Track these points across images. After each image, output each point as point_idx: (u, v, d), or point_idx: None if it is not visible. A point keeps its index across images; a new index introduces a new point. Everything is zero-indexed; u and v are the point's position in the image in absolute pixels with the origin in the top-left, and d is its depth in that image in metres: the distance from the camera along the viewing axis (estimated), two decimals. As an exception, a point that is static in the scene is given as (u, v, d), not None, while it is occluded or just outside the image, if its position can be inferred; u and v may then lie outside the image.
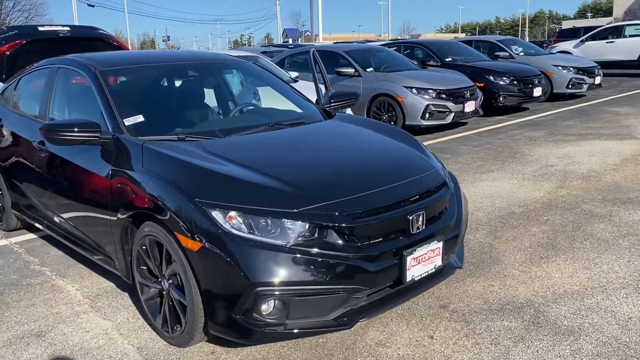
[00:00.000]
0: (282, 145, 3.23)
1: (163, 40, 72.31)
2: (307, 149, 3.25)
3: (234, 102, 4.18)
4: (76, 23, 42.56)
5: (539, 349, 2.72)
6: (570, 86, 12.28)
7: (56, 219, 3.78)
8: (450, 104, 8.84)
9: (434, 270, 2.83)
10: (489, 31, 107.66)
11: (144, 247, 2.90)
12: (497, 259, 3.82)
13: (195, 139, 3.14)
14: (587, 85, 12.48)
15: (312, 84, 6.62)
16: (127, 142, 3.09)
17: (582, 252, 3.88)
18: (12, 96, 4.56)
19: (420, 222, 2.73)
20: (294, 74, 8.45)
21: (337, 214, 2.52)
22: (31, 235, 4.74)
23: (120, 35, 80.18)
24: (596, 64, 13.12)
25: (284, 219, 2.47)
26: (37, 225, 4.23)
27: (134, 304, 3.39)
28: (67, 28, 5.68)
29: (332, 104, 4.06)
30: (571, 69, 12.38)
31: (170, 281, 2.80)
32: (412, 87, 8.74)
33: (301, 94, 4.20)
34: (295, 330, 2.52)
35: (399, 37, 57.54)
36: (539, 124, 9.64)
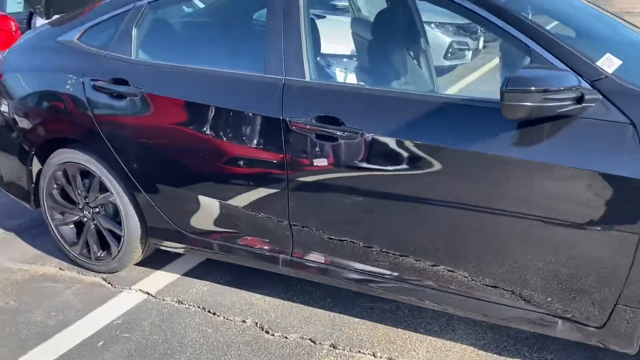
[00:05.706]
0: None
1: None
2: None
3: None
4: None
5: None
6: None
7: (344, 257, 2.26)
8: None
9: None
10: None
11: None
12: None
13: None
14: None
15: (340, 18, 5.47)
16: None
17: None
18: (135, 41, 2.63)
19: None
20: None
21: None
22: (165, 277, 3.00)
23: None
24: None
25: None
26: (226, 257, 2.70)
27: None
28: None
29: None
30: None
31: None
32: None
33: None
34: None
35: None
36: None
